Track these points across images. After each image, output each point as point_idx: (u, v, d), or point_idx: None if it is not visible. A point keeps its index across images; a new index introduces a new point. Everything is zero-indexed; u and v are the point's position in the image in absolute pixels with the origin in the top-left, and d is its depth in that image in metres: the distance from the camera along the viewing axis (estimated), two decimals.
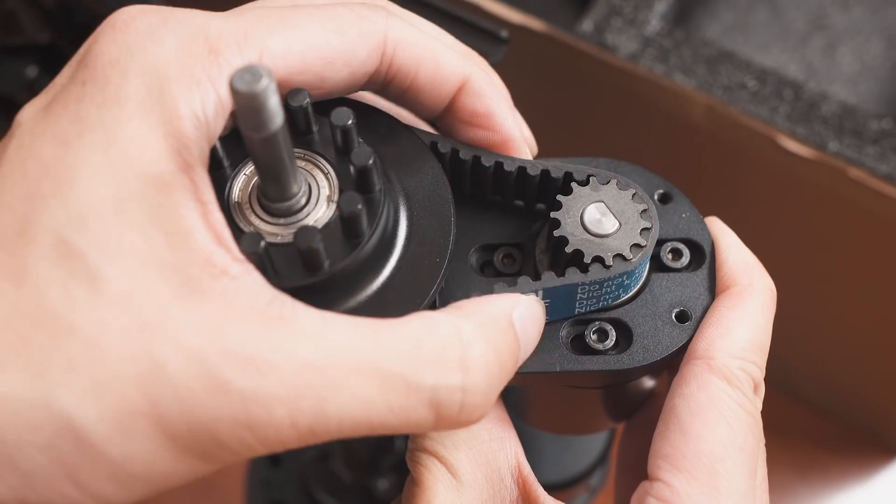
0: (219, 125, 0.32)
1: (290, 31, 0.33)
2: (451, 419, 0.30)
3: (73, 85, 0.31)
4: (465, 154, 0.37)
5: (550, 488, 0.67)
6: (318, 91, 0.34)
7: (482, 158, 0.37)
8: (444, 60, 0.36)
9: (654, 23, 0.72)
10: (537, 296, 0.36)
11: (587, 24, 0.71)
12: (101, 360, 0.27)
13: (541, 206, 0.39)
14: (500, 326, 0.32)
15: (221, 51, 0.31)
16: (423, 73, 0.36)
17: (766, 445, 0.37)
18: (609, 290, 0.37)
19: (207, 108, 0.31)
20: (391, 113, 0.38)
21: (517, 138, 0.38)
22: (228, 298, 0.29)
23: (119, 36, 0.31)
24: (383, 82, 0.36)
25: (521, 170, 0.37)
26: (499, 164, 0.37)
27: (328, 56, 0.33)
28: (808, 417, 0.98)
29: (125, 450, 0.27)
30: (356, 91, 0.36)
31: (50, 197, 0.29)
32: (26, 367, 0.27)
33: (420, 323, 0.31)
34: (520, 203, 0.39)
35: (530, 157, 0.38)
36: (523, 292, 0.35)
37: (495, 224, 0.40)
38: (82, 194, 0.29)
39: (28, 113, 0.31)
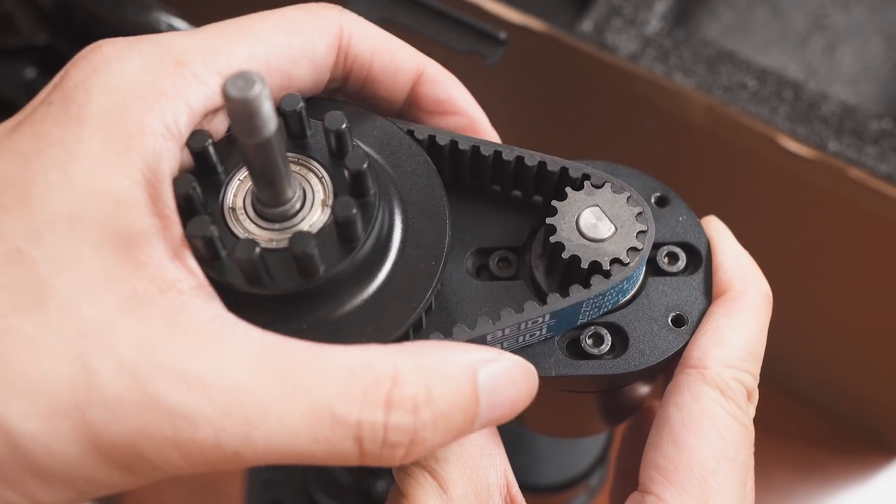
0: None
1: (250, 37, 0.34)
2: (374, 455, 0.30)
3: (42, 106, 0.32)
4: (463, 145, 0.37)
5: (550, 489, 0.67)
6: (286, 92, 0.35)
7: (481, 148, 0.37)
8: (397, 50, 0.37)
9: (654, 23, 0.71)
10: (543, 318, 0.36)
11: (587, 24, 0.71)
12: (35, 360, 0.28)
13: (538, 198, 0.39)
14: (445, 375, 0.31)
15: (187, 63, 0.32)
16: (379, 62, 0.37)
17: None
18: (609, 297, 0.37)
19: (179, 120, 0.32)
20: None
21: (484, 120, 0.39)
22: (171, 314, 0.29)
23: (86, 62, 0.32)
24: (342, 76, 0.37)
25: (520, 159, 0.38)
26: (497, 154, 0.37)
27: (291, 55, 0.35)
28: (808, 417, 0.98)
29: (47, 450, 0.28)
30: (321, 88, 0.37)
31: (9, 209, 0.30)
32: None
33: (360, 355, 0.30)
34: (517, 194, 0.39)
35: (499, 140, 0.39)
36: (530, 318, 0.35)
37: (491, 227, 0.39)
38: (38, 208, 0.30)
39: None
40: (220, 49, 0.33)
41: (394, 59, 0.37)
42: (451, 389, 0.31)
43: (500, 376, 0.32)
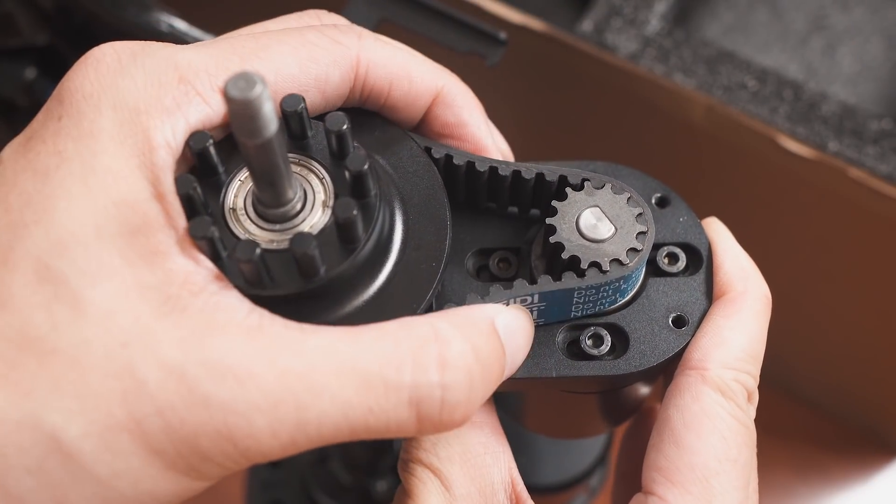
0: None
1: (263, 61, 0.33)
2: (433, 419, 0.30)
3: (50, 121, 0.32)
4: (458, 160, 0.37)
5: (550, 490, 0.67)
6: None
7: (476, 164, 0.37)
8: (416, 77, 0.37)
9: (654, 23, 0.71)
10: (532, 299, 0.36)
11: (587, 24, 0.71)
12: (84, 379, 0.28)
13: (535, 211, 0.39)
14: (480, 329, 0.32)
15: (191, 80, 0.32)
16: (397, 91, 0.36)
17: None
18: (605, 294, 0.37)
19: (178, 136, 0.32)
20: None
21: (489, 147, 0.38)
22: (208, 313, 0.29)
23: (91, 73, 0.32)
24: (358, 102, 0.37)
25: (516, 174, 0.37)
26: (493, 169, 0.37)
27: (302, 84, 0.34)
28: (808, 417, 0.98)
29: (111, 467, 0.28)
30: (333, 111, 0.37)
31: (32, 225, 0.29)
32: (13, 390, 0.27)
33: (398, 325, 0.31)
34: (514, 210, 0.39)
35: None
36: (518, 295, 0.35)
37: (491, 228, 0.39)
38: (62, 221, 0.29)
39: (8, 151, 0.32)
40: (227, 68, 0.33)
41: (412, 86, 0.37)
42: (489, 344, 0.32)
43: (511, 324, 0.33)
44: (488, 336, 0.32)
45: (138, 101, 0.31)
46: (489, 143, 0.38)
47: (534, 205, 0.39)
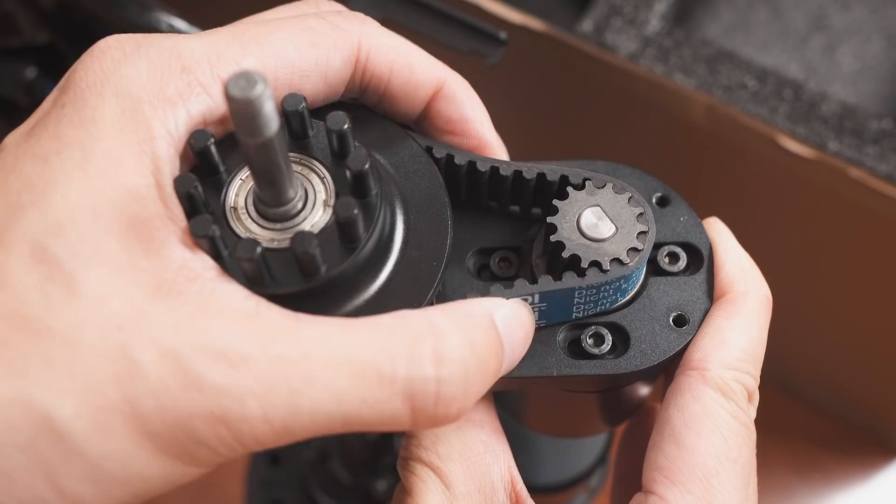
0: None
1: (263, 47, 0.33)
2: (428, 413, 0.30)
3: (54, 108, 0.32)
4: (459, 159, 0.37)
5: (550, 489, 0.67)
6: None
7: (477, 164, 0.37)
8: (417, 66, 0.36)
9: (654, 23, 0.71)
10: (533, 299, 0.36)
11: (587, 24, 0.71)
12: (78, 359, 0.28)
13: (537, 210, 0.39)
14: (477, 323, 0.32)
15: (193, 69, 0.32)
16: (397, 79, 0.36)
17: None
18: (606, 294, 0.37)
19: (179, 126, 0.32)
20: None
21: (493, 143, 0.38)
22: (204, 297, 0.29)
23: (96, 63, 0.32)
24: (359, 90, 0.37)
25: (517, 174, 0.37)
26: (494, 169, 0.37)
27: (303, 69, 0.34)
28: (808, 417, 0.98)
29: (102, 448, 0.28)
30: (335, 100, 0.37)
31: (29, 207, 0.30)
32: (6, 368, 0.28)
33: (393, 318, 0.31)
34: (515, 209, 0.39)
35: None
36: (519, 295, 0.35)
37: (492, 227, 0.39)
38: (59, 204, 0.29)
39: (12, 137, 0.32)
40: (229, 57, 0.33)
41: (413, 75, 0.36)
42: (487, 338, 0.32)
43: (510, 318, 0.33)
44: (486, 330, 0.32)
45: (141, 90, 0.32)
46: (493, 138, 0.38)
47: (535, 204, 0.39)
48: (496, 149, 0.38)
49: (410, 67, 0.36)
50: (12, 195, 0.30)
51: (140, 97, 0.31)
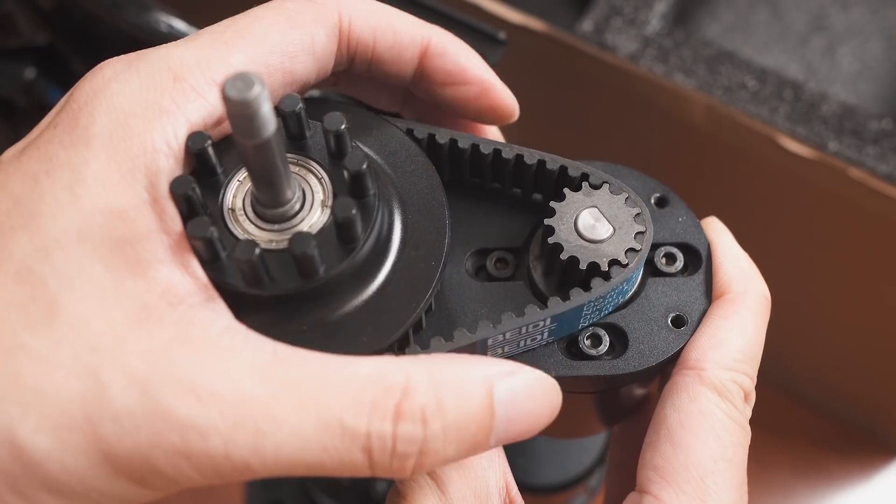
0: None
1: (248, 40, 0.34)
2: (384, 466, 0.30)
3: (48, 129, 0.32)
4: (463, 143, 0.37)
5: (550, 490, 0.67)
6: (291, 88, 0.35)
7: (481, 146, 0.37)
8: (400, 26, 0.37)
9: (654, 23, 0.71)
10: (545, 322, 0.36)
11: (587, 24, 0.71)
12: (47, 376, 0.28)
13: (537, 196, 0.39)
14: (462, 387, 0.31)
15: (185, 77, 0.32)
16: (382, 42, 0.36)
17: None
18: (611, 299, 0.37)
19: (179, 135, 0.32)
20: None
21: (496, 83, 0.38)
22: (182, 326, 0.29)
23: (87, 84, 0.33)
24: (347, 60, 0.37)
25: (519, 157, 0.38)
26: (497, 152, 0.37)
27: (290, 52, 0.34)
28: (808, 417, 0.98)
29: (60, 465, 0.28)
30: (327, 75, 0.37)
31: (18, 229, 0.30)
32: None
33: (372, 366, 0.30)
34: (517, 191, 0.39)
35: (513, 100, 0.39)
36: (531, 322, 0.35)
37: (490, 227, 0.39)
38: (47, 227, 0.30)
39: (6, 156, 0.33)
40: (218, 58, 0.33)
41: (397, 36, 0.37)
42: (463, 402, 0.30)
43: (518, 390, 0.32)
44: (468, 397, 0.31)
45: (133, 105, 0.32)
46: (495, 79, 0.38)
47: (536, 189, 0.39)
48: (499, 88, 0.38)
49: (394, 29, 0.36)
50: (2, 215, 0.30)
51: (132, 112, 0.32)
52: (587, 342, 0.37)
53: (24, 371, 0.28)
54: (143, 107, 0.32)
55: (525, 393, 0.32)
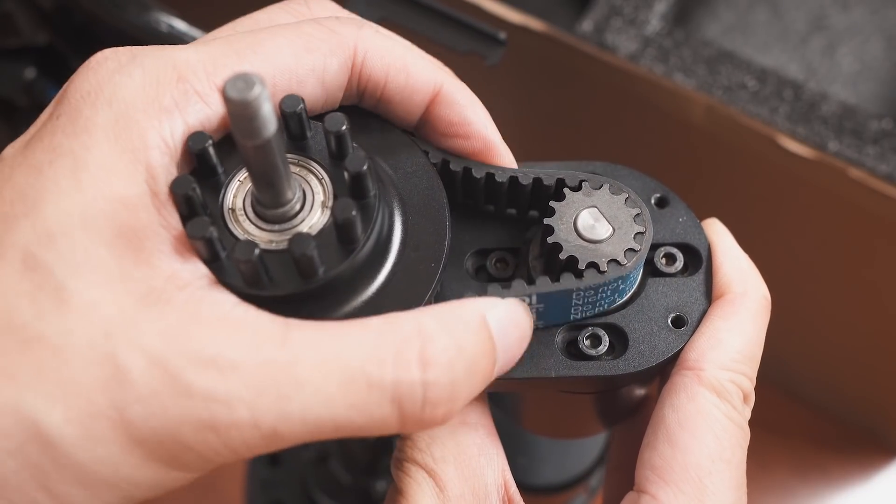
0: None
1: (259, 55, 0.33)
2: (415, 416, 0.30)
3: (50, 120, 0.32)
4: (455, 165, 0.37)
5: (550, 490, 0.67)
6: None
7: (473, 170, 0.37)
8: (413, 69, 0.36)
9: (654, 23, 0.71)
10: (531, 300, 0.36)
11: (587, 24, 0.71)
12: (66, 366, 0.28)
13: (534, 213, 0.39)
14: (467, 324, 0.32)
15: (189, 78, 0.32)
16: (393, 83, 0.36)
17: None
18: (604, 295, 0.37)
19: (176, 135, 0.32)
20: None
21: (498, 143, 0.38)
22: (192, 305, 0.30)
23: (90, 74, 0.32)
24: (356, 95, 0.37)
25: (513, 179, 0.37)
26: (490, 175, 0.37)
27: (300, 75, 0.34)
28: (808, 417, 0.98)
29: (91, 453, 0.28)
30: (334, 106, 0.36)
31: (21, 217, 0.30)
32: None
33: (383, 321, 0.31)
34: (512, 212, 0.39)
35: (513, 162, 0.38)
36: (517, 295, 0.35)
37: (490, 228, 0.39)
38: (51, 213, 0.30)
39: (10, 149, 0.33)
40: (225, 65, 0.33)
41: (409, 79, 0.36)
42: (474, 338, 0.31)
43: (505, 318, 0.33)
44: (476, 332, 0.32)
45: (135, 98, 0.32)
46: (497, 138, 0.38)
47: (532, 207, 0.39)
48: (500, 149, 0.38)
49: (406, 71, 0.36)
50: (6, 205, 0.30)
51: (134, 106, 0.32)
52: (587, 342, 0.37)
53: (43, 364, 0.28)
54: (145, 102, 0.32)
55: (509, 319, 0.33)
